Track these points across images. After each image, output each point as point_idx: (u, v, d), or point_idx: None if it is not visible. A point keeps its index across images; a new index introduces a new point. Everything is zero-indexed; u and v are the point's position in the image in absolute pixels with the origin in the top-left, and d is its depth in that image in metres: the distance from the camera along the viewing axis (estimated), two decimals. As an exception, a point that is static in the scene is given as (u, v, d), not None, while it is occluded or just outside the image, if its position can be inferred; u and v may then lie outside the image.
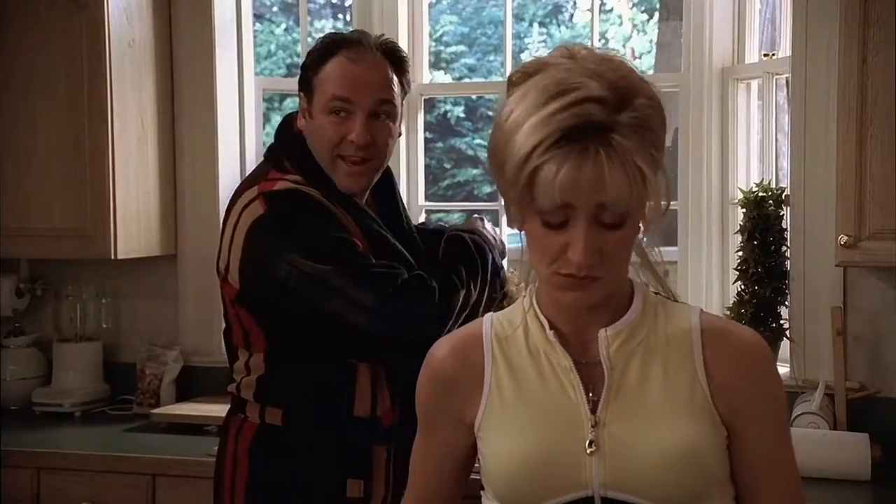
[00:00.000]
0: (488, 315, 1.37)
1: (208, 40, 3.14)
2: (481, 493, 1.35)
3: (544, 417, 1.26)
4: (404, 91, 1.92)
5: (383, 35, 1.95)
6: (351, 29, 2.34)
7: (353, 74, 1.83)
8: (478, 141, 9.60)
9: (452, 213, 10.44)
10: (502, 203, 3.40)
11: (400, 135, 1.96)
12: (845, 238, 2.39)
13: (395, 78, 1.88)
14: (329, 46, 1.88)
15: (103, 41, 2.91)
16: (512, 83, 1.24)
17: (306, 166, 1.89)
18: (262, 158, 2.04)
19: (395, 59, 1.89)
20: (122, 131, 2.98)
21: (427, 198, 3.57)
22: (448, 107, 9.44)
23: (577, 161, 1.13)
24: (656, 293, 1.32)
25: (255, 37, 3.41)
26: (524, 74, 1.22)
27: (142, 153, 3.08)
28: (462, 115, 9.58)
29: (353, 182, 1.86)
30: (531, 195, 1.17)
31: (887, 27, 2.35)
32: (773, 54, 2.99)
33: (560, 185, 1.14)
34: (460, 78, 9.53)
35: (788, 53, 2.79)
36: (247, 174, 3.22)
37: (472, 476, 1.39)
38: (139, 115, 3.06)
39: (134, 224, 3.03)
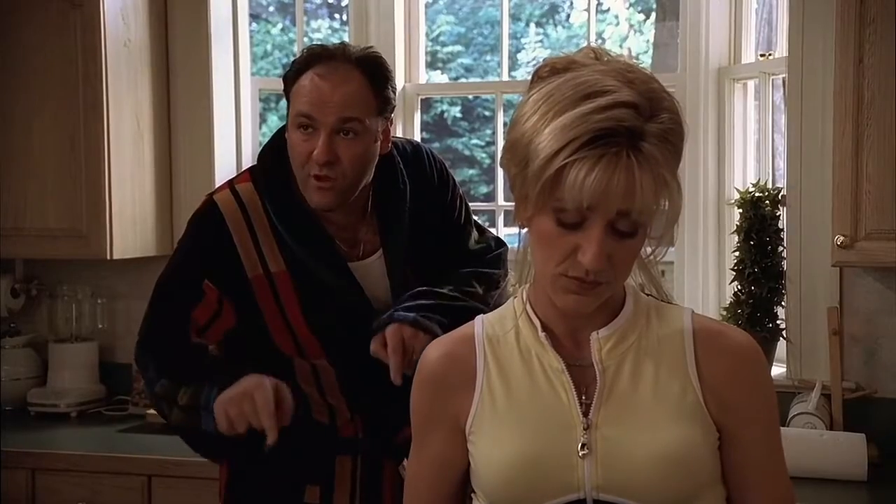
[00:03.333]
0: (480, 316, 1.36)
1: (204, 40, 3.14)
2: (472, 495, 1.34)
3: (536, 420, 1.25)
4: (385, 106, 1.83)
5: (371, 48, 1.86)
6: (347, 29, 2.31)
7: (318, 91, 1.78)
8: (474, 141, 9.59)
9: (449, 213, 10.43)
10: (499, 204, 3.41)
11: (387, 151, 1.87)
12: (841, 238, 2.39)
13: (370, 94, 1.81)
14: (305, 60, 1.83)
15: (99, 41, 2.91)
16: (539, 77, 1.22)
17: (272, 175, 1.87)
18: (258, 158, 2.02)
19: (372, 75, 1.81)
20: (117, 131, 2.98)
21: (423, 198, 3.56)
22: (444, 107, 9.43)
23: (608, 165, 1.12)
24: (648, 295, 1.32)
25: (251, 37, 3.40)
26: (553, 70, 1.21)
27: (138, 153, 3.07)
28: (459, 115, 9.58)
29: (320, 199, 1.80)
30: (553, 192, 1.15)
31: (883, 27, 2.35)
32: (770, 55, 2.99)
33: (590, 187, 1.12)
34: (457, 78, 9.53)
35: (785, 54, 2.79)
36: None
37: None
38: (135, 115, 3.06)
39: (129, 224, 3.02)
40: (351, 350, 1.84)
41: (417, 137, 3.44)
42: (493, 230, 2.21)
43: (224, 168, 3.18)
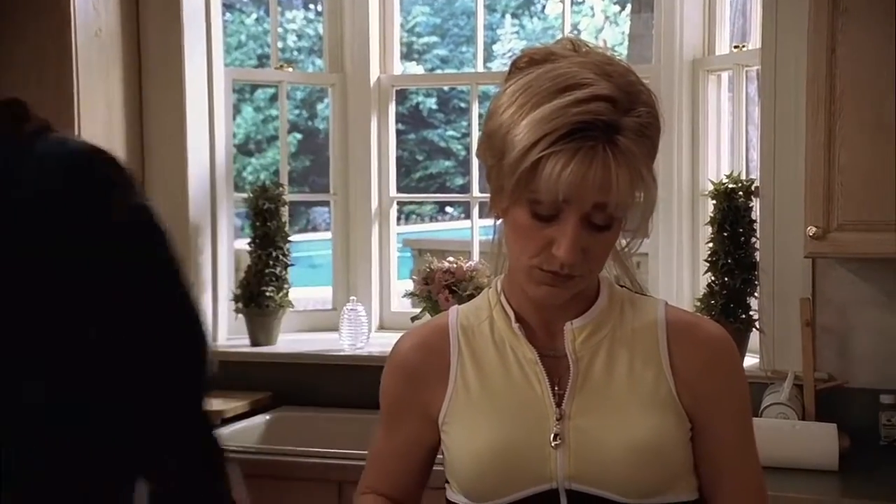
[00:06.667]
0: (454, 307, 1.36)
1: (177, 30, 3.11)
2: (445, 485, 1.34)
3: (509, 410, 1.26)
4: None
5: None
6: (321, 20, 2.27)
7: None
8: (450, 133, 9.59)
9: (425, 204, 10.43)
10: (474, 195, 3.41)
11: None
12: (814, 229, 2.40)
13: None
14: None
15: (69, 30, 2.87)
16: (517, 68, 1.22)
17: None
18: (231, 150, 1.96)
19: None
20: (88, 122, 2.94)
21: (399, 190, 3.56)
22: (420, 98, 9.42)
23: (584, 159, 1.12)
24: (622, 286, 1.32)
25: (225, 27, 3.38)
26: (531, 61, 1.21)
27: (109, 144, 3.00)
28: (434, 106, 9.57)
29: None
30: (529, 184, 1.15)
31: (856, 17, 2.36)
32: (744, 46, 3.00)
33: (566, 180, 1.13)
34: (432, 69, 9.51)
35: (758, 45, 2.80)
36: (216, 166, 3.21)
37: (435, 468, 1.38)
38: (106, 106, 3.02)
39: (101, 216, 2.99)
40: None
41: (392, 129, 3.43)
42: (468, 222, 2.20)
43: (197, 158, 3.16)
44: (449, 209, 10.02)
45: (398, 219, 3.57)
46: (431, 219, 10.32)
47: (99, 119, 2.99)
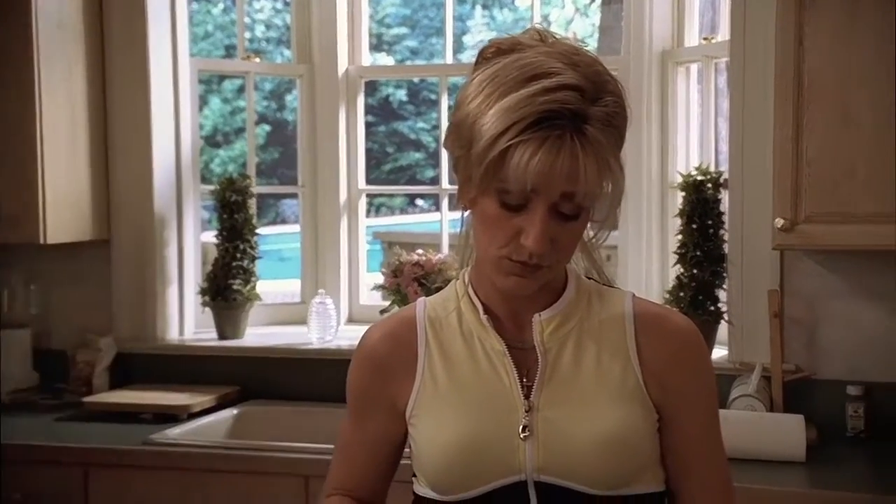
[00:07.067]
0: (422, 298, 1.36)
1: (141, 20, 3.06)
2: (412, 478, 1.33)
3: (477, 402, 1.25)
4: None
5: None
6: (289, 10, 2.25)
7: None
8: (420, 125, 9.57)
9: (395, 196, 10.41)
10: (444, 187, 3.40)
11: None
12: (782, 221, 2.41)
13: None
14: None
15: (31, 21, 2.83)
16: (484, 58, 1.22)
17: None
18: (198, 141, 1.92)
19: None
20: (51, 114, 2.90)
21: (369, 182, 3.53)
22: (390, 90, 9.38)
23: (552, 148, 1.12)
24: (590, 278, 1.32)
25: (191, 17, 3.33)
26: (498, 51, 1.21)
27: (72, 136, 2.99)
28: (404, 98, 9.54)
29: None
30: (497, 174, 1.15)
31: (823, 10, 2.37)
32: (713, 38, 3.00)
33: (534, 169, 1.12)
34: (402, 60, 9.48)
35: (728, 37, 2.80)
36: (182, 158, 3.17)
37: (403, 461, 1.37)
38: (69, 98, 2.98)
39: (64, 208, 2.95)
40: None
41: (361, 121, 3.41)
42: (438, 214, 2.19)
43: (162, 150, 3.12)
44: (420, 201, 10.00)
45: (368, 211, 3.56)
46: (402, 211, 10.30)
47: (62, 111, 2.95)
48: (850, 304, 2.66)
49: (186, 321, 3.22)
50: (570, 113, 1.13)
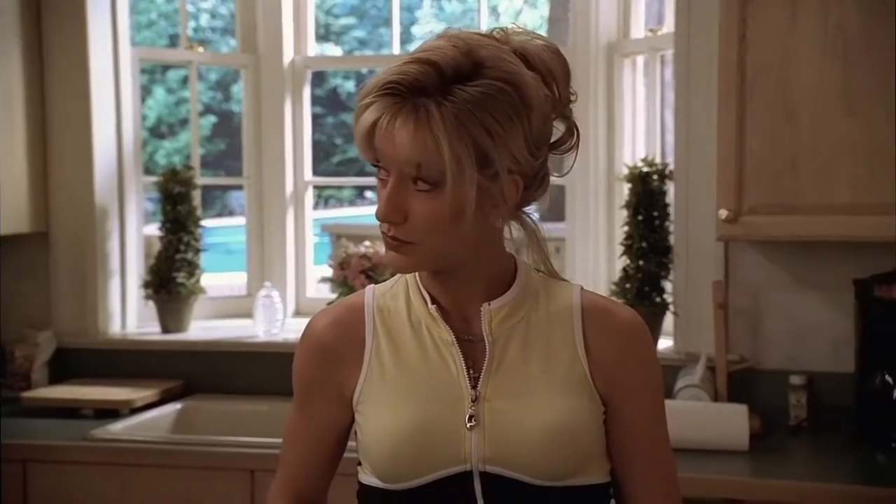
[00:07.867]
0: (370, 286, 1.35)
1: (80, 6, 3.00)
2: (358, 468, 1.32)
3: (424, 391, 1.25)
4: None
5: None
6: (235, 1, 2.21)
7: None
8: (369, 116, 9.50)
9: (343, 188, 10.35)
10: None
11: None
12: (726, 213, 2.43)
13: None
14: None
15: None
16: None
17: None
18: (140, 132, 1.89)
19: None
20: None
21: (317, 174, 3.50)
22: (338, 81, 9.32)
23: (389, 112, 1.16)
24: (539, 271, 1.31)
25: (134, 5, 3.27)
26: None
27: (8, 125, 2.92)
28: (352, 89, 9.48)
29: None
30: (363, 144, 1.20)
31: (766, 3, 2.39)
32: (659, 30, 3.01)
33: (369, 128, 1.17)
34: (350, 51, 9.42)
35: (673, 29, 2.81)
36: (124, 149, 3.11)
37: (348, 454, 1.36)
38: (5, 86, 2.91)
39: (1, 200, 2.88)
40: None
41: (308, 112, 3.37)
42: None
43: (103, 141, 3.06)
44: (368, 193, 9.95)
45: (317, 203, 3.52)
46: (351, 203, 10.24)
47: (-3, 102, 2.88)
48: (793, 294, 2.69)
49: (129, 315, 3.17)
50: (412, 84, 1.15)
